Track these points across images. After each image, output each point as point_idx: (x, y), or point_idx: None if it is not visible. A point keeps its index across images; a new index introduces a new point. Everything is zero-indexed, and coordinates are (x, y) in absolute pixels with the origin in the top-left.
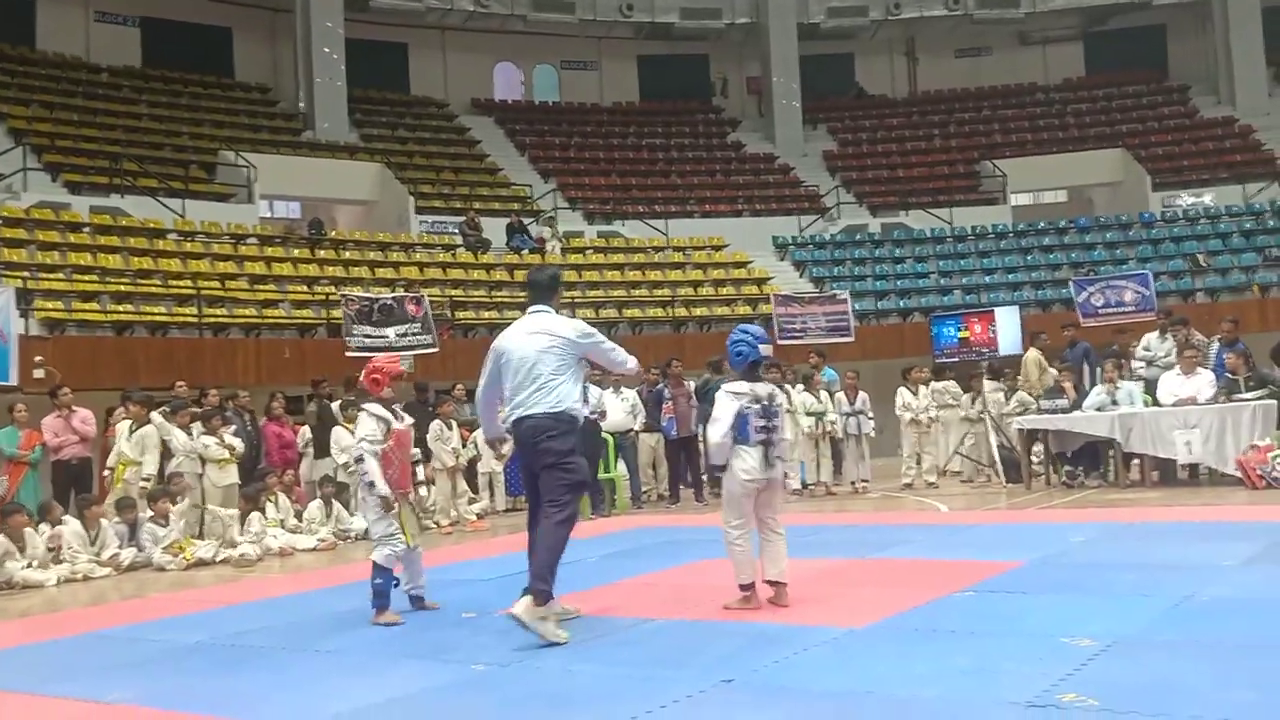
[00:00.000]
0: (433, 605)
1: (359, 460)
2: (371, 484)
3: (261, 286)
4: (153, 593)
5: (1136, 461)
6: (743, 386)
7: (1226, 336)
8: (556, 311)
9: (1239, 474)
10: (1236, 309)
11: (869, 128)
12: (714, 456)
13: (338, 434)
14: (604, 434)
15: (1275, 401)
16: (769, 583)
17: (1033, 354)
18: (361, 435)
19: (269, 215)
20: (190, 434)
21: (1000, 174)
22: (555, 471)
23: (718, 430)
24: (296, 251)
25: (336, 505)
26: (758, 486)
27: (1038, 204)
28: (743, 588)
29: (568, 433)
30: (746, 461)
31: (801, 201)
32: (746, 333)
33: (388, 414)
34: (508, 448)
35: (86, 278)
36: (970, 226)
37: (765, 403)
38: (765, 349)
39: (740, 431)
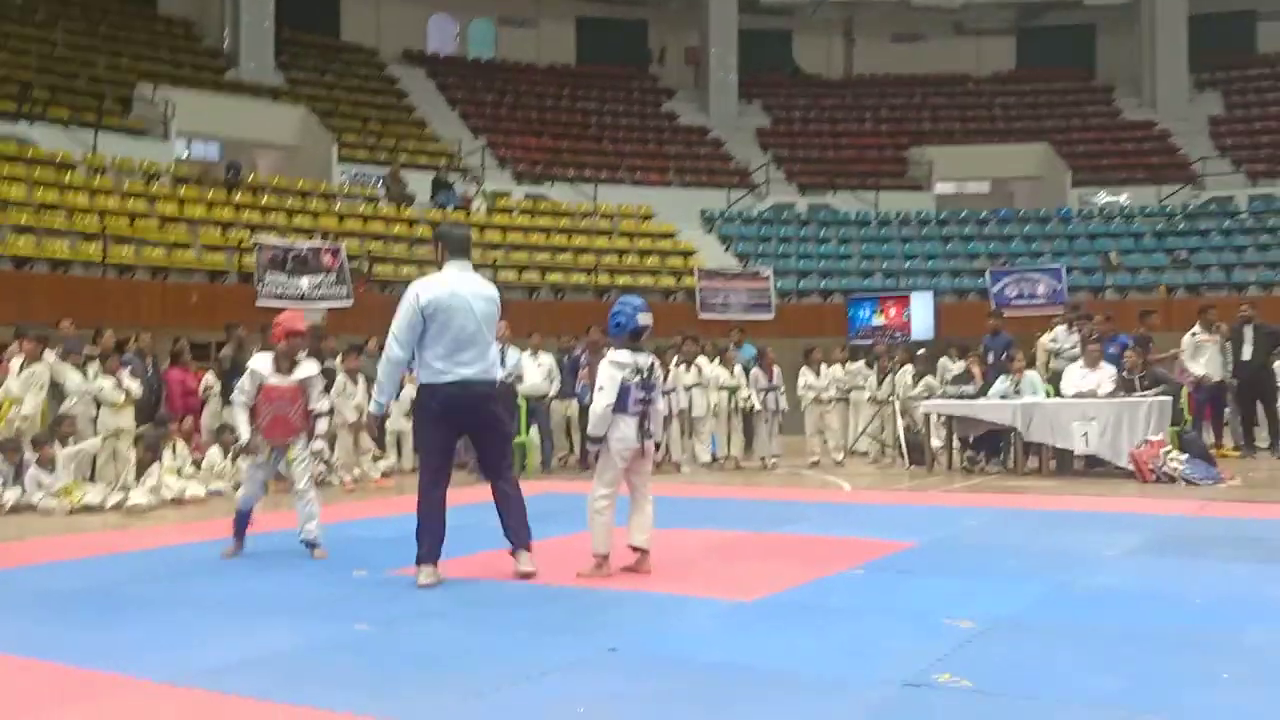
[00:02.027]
0: (321, 554)
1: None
2: (233, 430)
3: (172, 228)
4: (32, 536)
5: (1036, 450)
6: (625, 357)
7: (1141, 331)
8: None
9: (1131, 467)
10: (1144, 307)
11: (802, 106)
12: (595, 427)
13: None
14: (518, 398)
15: (1170, 398)
16: (633, 548)
17: (1045, 340)
18: (238, 385)
19: (186, 155)
20: (86, 375)
21: (927, 161)
22: (498, 435)
23: (602, 400)
24: (212, 194)
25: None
26: (631, 455)
27: (961, 193)
28: (597, 556)
29: (503, 396)
30: (622, 430)
31: (731, 176)
32: (626, 303)
33: (268, 368)
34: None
35: None
36: (895, 211)
37: (645, 374)
38: (645, 318)
39: (620, 402)
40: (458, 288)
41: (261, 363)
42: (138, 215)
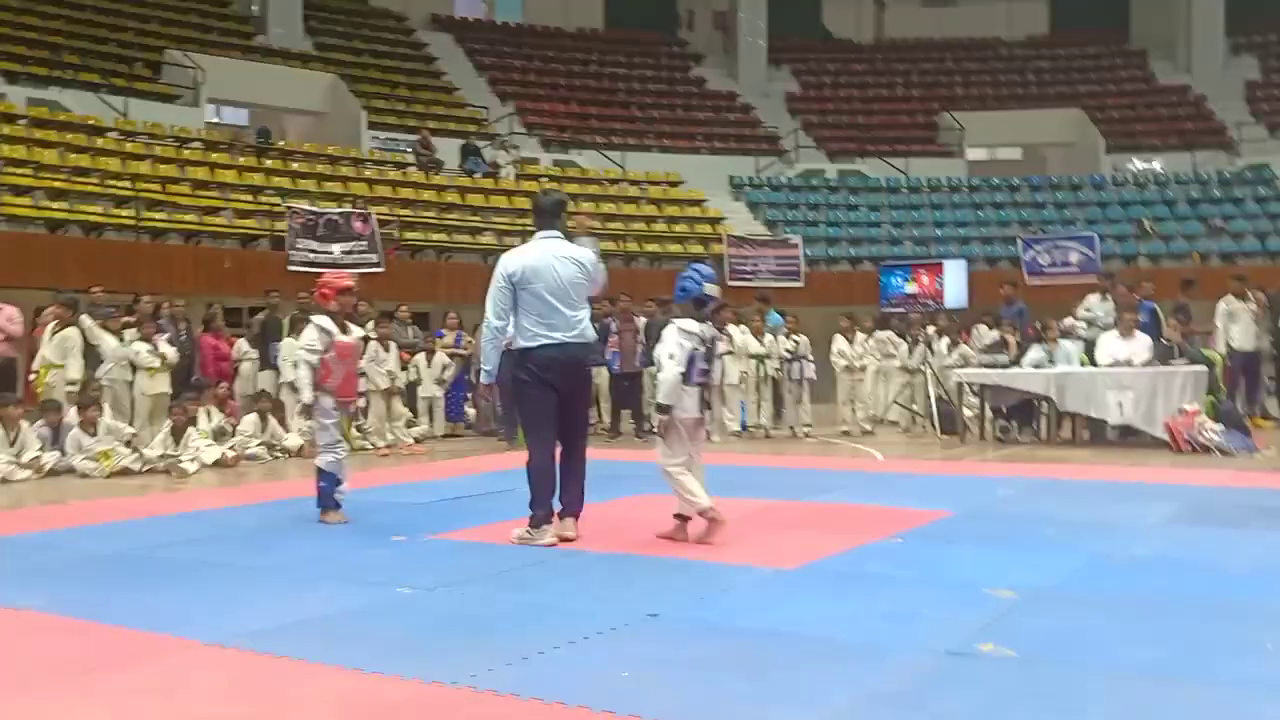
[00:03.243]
0: (346, 518)
1: (294, 367)
2: (297, 389)
3: (204, 193)
4: (73, 499)
5: (1069, 420)
6: (693, 326)
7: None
8: (568, 238)
9: (1166, 437)
10: (1177, 275)
11: (832, 71)
12: (668, 396)
13: (286, 346)
14: None
15: (1206, 368)
16: (678, 517)
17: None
18: (302, 344)
19: (215, 120)
20: (122, 339)
21: (959, 127)
22: (584, 402)
23: (673, 369)
24: (242, 160)
25: (272, 421)
26: (691, 424)
27: (993, 159)
28: (689, 517)
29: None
30: (685, 401)
31: (760, 142)
32: (696, 270)
33: (332, 326)
34: (449, 373)
35: (20, 171)
36: (925, 178)
37: (709, 345)
38: (712, 289)
39: (685, 372)
40: (543, 254)
41: (324, 322)
42: (169, 180)
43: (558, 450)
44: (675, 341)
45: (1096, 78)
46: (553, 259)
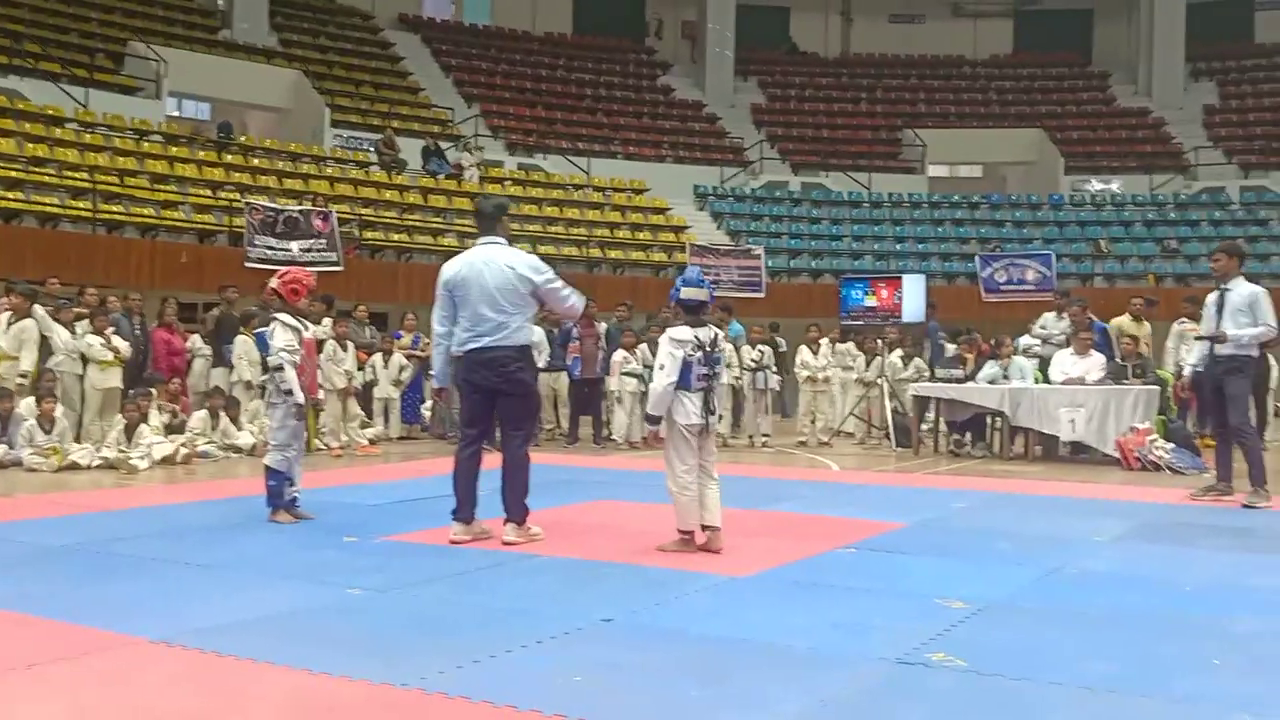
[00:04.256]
0: (308, 515)
1: (278, 369)
2: (290, 391)
3: (162, 186)
4: (22, 493)
5: (1022, 435)
6: (685, 333)
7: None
8: (509, 243)
9: (1117, 454)
10: (1131, 295)
11: (798, 84)
12: (655, 406)
13: (240, 343)
14: None
15: (1158, 388)
16: (704, 528)
17: (1125, 320)
18: (279, 345)
19: (176, 114)
20: (74, 331)
21: (921, 143)
22: (520, 401)
23: (662, 379)
24: (202, 154)
25: (224, 418)
26: (696, 432)
27: (954, 176)
28: (682, 533)
29: (528, 365)
30: (687, 407)
31: (725, 152)
32: (690, 270)
33: (298, 323)
34: (407, 374)
35: None
36: (887, 193)
37: (708, 349)
38: (691, 292)
39: (683, 378)
40: (474, 260)
41: (291, 320)
42: (128, 173)
43: (492, 454)
44: (666, 351)
45: (1058, 99)
46: (483, 265)
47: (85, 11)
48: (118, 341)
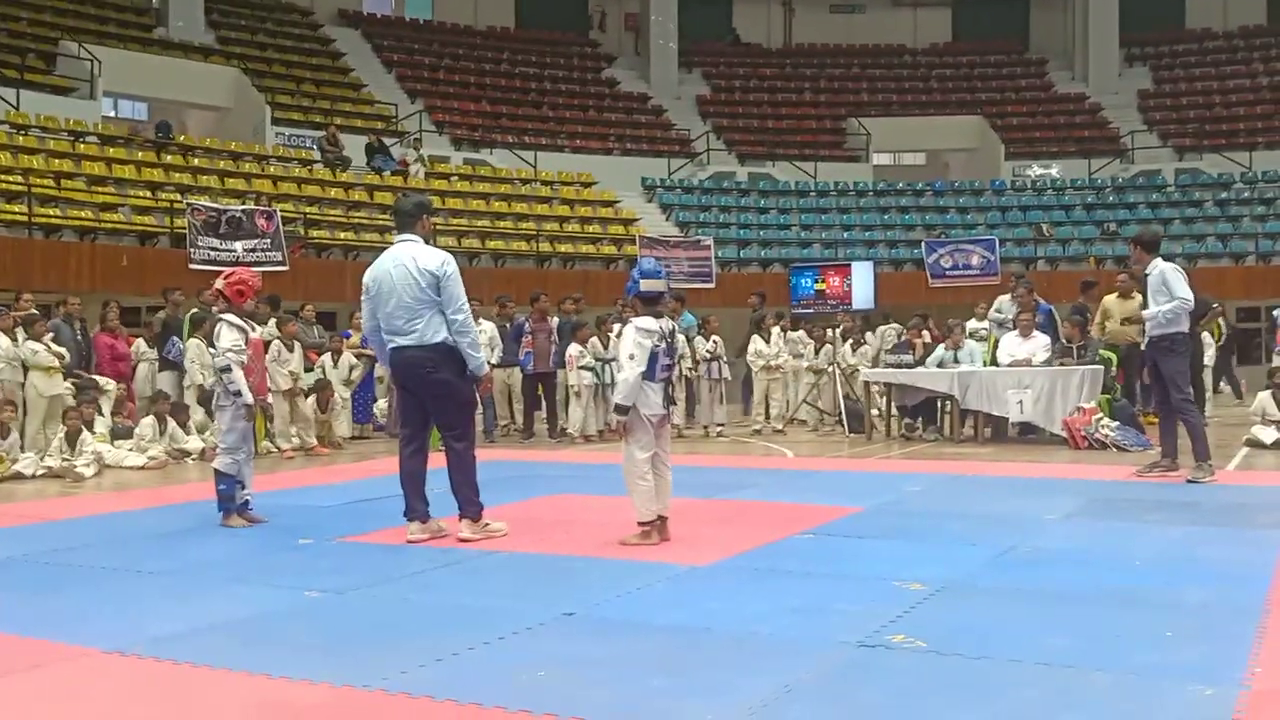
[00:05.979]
0: (261, 518)
1: (225, 370)
2: (238, 393)
3: (100, 189)
4: None
5: (972, 417)
6: (651, 324)
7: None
8: (426, 241)
9: (1064, 434)
10: (1073, 278)
11: (743, 75)
12: (626, 396)
13: (193, 348)
14: None
15: (1102, 368)
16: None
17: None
18: (225, 346)
19: (113, 114)
20: (15, 339)
21: (865, 132)
22: (445, 401)
23: (633, 369)
24: (141, 154)
25: (171, 423)
26: (658, 422)
27: (898, 164)
28: (642, 525)
29: (446, 362)
30: (650, 397)
31: (672, 144)
32: (637, 267)
33: (244, 324)
34: (357, 373)
35: None
36: (833, 182)
37: (668, 340)
38: (649, 284)
39: (649, 369)
40: (385, 262)
41: (237, 320)
42: (64, 175)
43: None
44: (634, 341)
45: (997, 86)
46: (390, 266)
47: (14, 11)
48: (55, 347)
